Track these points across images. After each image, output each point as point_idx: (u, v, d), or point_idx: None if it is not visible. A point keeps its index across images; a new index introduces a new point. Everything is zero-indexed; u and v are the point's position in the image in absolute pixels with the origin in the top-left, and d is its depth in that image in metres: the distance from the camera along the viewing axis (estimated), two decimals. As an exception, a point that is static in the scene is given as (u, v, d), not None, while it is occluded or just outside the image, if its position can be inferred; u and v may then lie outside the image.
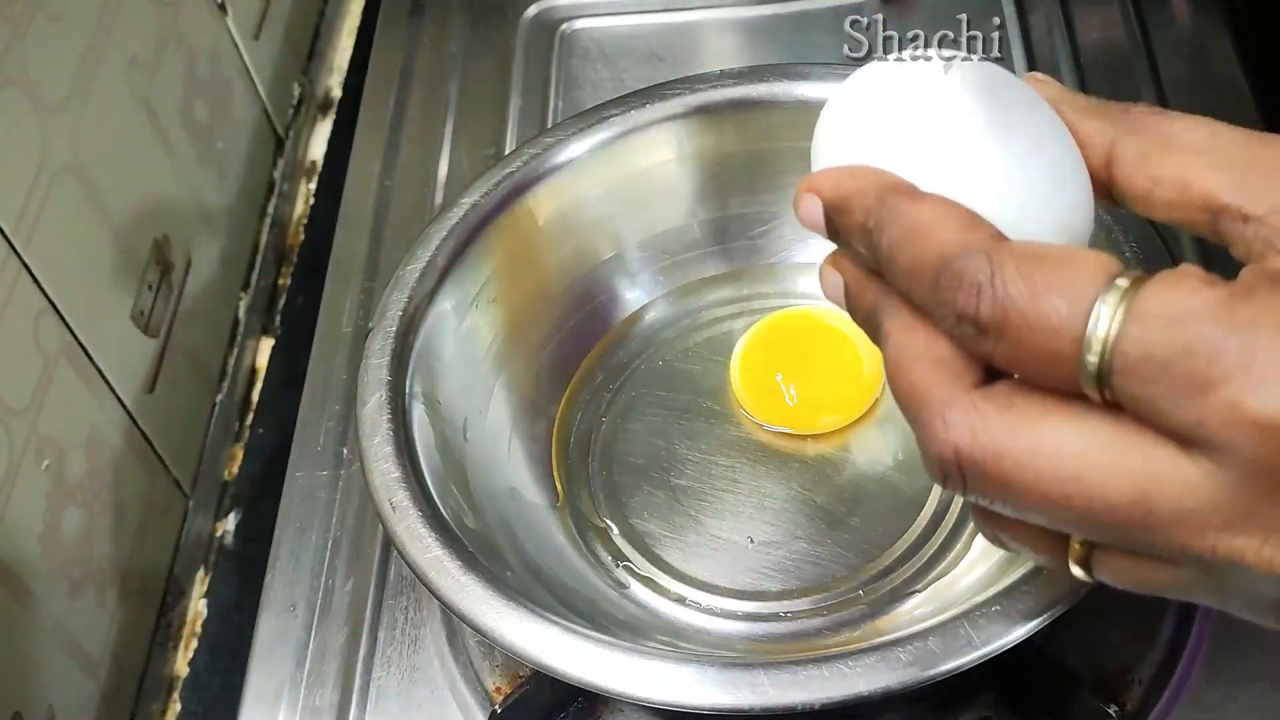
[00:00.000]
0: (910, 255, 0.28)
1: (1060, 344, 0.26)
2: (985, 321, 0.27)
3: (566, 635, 0.41)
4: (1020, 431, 0.27)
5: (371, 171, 0.69)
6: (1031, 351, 0.27)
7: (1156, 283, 0.26)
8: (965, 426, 0.27)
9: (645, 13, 0.75)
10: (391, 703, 0.51)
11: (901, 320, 0.30)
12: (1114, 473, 0.26)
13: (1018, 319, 0.26)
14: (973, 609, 0.40)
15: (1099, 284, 0.26)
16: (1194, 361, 0.25)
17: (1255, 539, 0.26)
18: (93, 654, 0.52)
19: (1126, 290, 0.26)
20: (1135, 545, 0.28)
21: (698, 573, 0.51)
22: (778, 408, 0.55)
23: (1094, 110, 0.31)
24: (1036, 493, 0.27)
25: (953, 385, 0.28)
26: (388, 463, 0.46)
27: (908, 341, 0.29)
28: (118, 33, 0.57)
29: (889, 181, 0.30)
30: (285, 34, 0.76)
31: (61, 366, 0.51)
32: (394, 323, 0.50)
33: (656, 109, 0.56)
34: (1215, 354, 0.25)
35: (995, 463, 0.27)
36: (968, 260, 0.27)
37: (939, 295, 0.28)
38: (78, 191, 0.54)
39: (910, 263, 0.28)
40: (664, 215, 0.58)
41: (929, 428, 0.28)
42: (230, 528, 0.62)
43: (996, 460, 0.27)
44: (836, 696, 0.39)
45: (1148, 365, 0.25)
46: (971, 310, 0.27)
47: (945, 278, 0.27)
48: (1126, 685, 0.47)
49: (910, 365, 0.29)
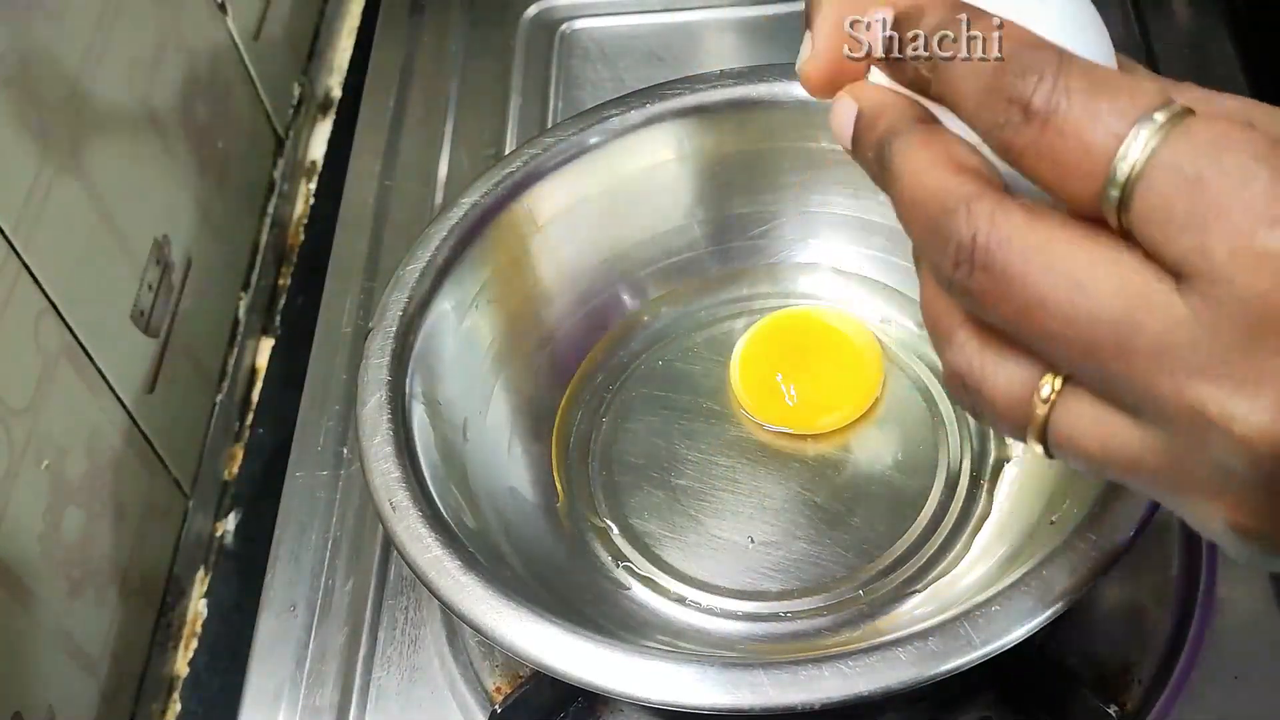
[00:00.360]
0: (980, 51, 0.29)
1: (1100, 145, 0.26)
2: (1035, 108, 0.27)
3: (566, 635, 0.41)
4: (1036, 230, 0.27)
5: (371, 171, 0.69)
6: (1069, 147, 0.27)
7: (1202, 116, 0.26)
8: (987, 215, 0.28)
9: (645, 13, 0.75)
10: (391, 703, 0.51)
11: (922, 136, 0.30)
12: (1109, 290, 0.26)
13: (1066, 111, 0.27)
14: (973, 609, 0.40)
15: (1156, 104, 0.26)
16: (1217, 186, 0.25)
17: (1223, 389, 0.25)
18: (93, 654, 0.52)
19: (1175, 115, 0.26)
20: (1108, 380, 0.27)
21: (698, 573, 0.51)
22: (778, 408, 0.55)
23: (1132, 67, 0.31)
24: (1034, 293, 0.27)
25: (982, 184, 0.28)
26: (388, 463, 0.46)
27: (930, 151, 0.29)
28: (118, 33, 0.57)
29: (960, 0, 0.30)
30: (285, 34, 0.76)
31: (61, 366, 0.51)
32: (394, 323, 0.50)
33: (657, 109, 0.56)
34: (1240, 183, 0.25)
35: (1007, 252, 0.27)
36: (1038, 53, 0.28)
37: (998, 80, 0.28)
38: (78, 191, 0.54)
39: (976, 58, 0.29)
40: (664, 215, 0.58)
41: (952, 217, 0.28)
42: (230, 528, 0.62)
43: (1008, 250, 0.27)
44: (836, 696, 0.39)
45: (1172, 180, 0.26)
46: (1027, 94, 0.27)
47: (1014, 65, 0.28)
48: (1126, 685, 0.48)
49: (935, 166, 0.29)
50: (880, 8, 0.31)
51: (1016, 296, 0.27)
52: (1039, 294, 0.27)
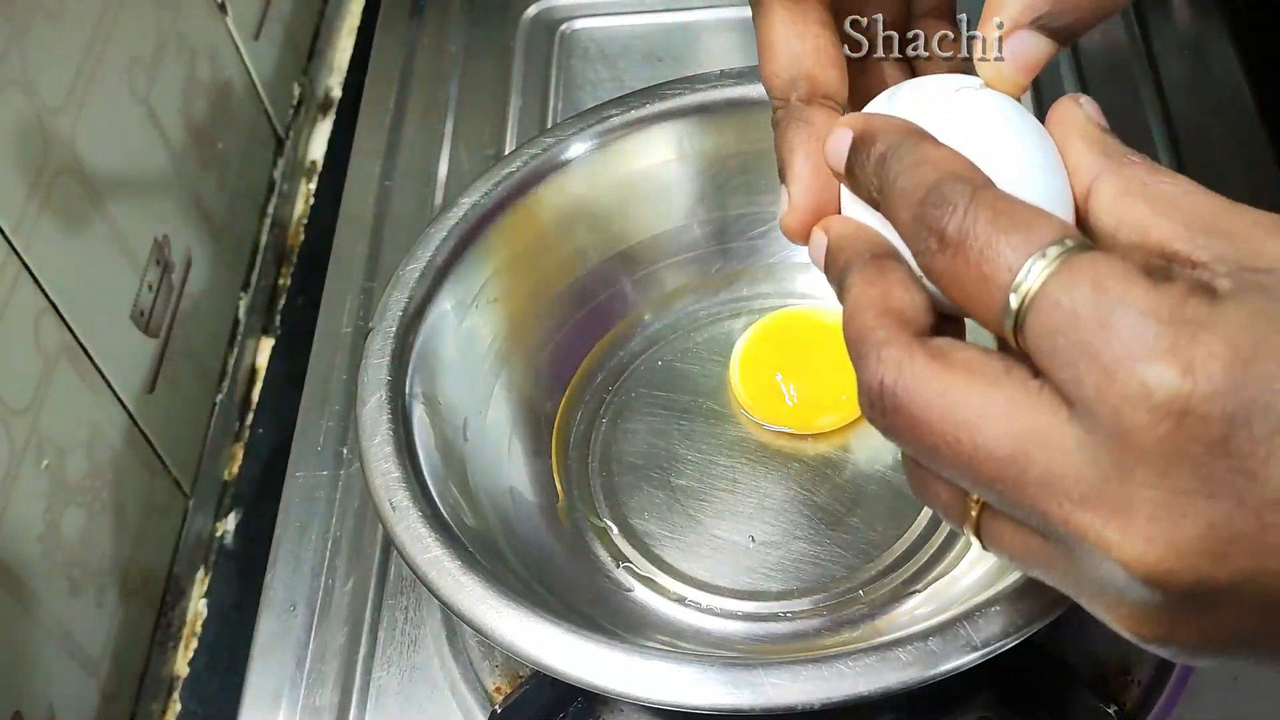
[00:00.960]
0: (912, 178, 0.31)
1: (997, 276, 0.28)
2: (948, 237, 0.29)
3: (566, 635, 0.41)
4: (939, 375, 0.29)
5: (371, 171, 0.69)
6: (972, 276, 0.29)
7: (1091, 253, 0.28)
8: (894, 362, 0.30)
9: (645, 13, 0.75)
10: (391, 703, 0.51)
11: (867, 275, 0.32)
12: (1002, 427, 0.28)
13: (972, 242, 0.29)
14: (973, 609, 0.40)
15: (1050, 240, 0.28)
16: (1089, 323, 0.27)
17: (1099, 517, 0.27)
18: (93, 654, 0.52)
19: (1067, 250, 0.28)
20: (1009, 507, 0.29)
21: (698, 573, 0.51)
22: (777, 408, 0.55)
23: (1098, 143, 0.32)
24: (935, 434, 0.29)
25: (896, 329, 0.30)
26: (388, 463, 0.46)
27: (867, 291, 0.32)
28: (118, 33, 0.57)
29: (914, 127, 0.33)
30: (285, 34, 0.76)
31: (61, 366, 0.51)
32: (394, 323, 0.50)
33: (656, 109, 0.56)
34: (1108, 322, 0.26)
35: (909, 399, 0.29)
36: (956, 184, 0.30)
37: (922, 210, 0.30)
38: (78, 191, 0.54)
39: (909, 184, 0.31)
40: (664, 215, 0.58)
41: (865, 360, 0.30)
42: (230, 528, 0.62)
43: (910, 397, 0.29)
44: (836, 696, 0.39)
45: (1054, 315, 0.27)
46: (941, 224, 0.29)
47: (933, 195, 0.30)
48: (1126, 685, 0.48)
49: (864, 310, 0.31)
50: (845, 126, 0.34)
51: (923, 438, 0.29)
52: (940, 436, 0.29)
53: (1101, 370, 0.26)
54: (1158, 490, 0.26)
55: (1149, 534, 0.26)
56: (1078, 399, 0.27)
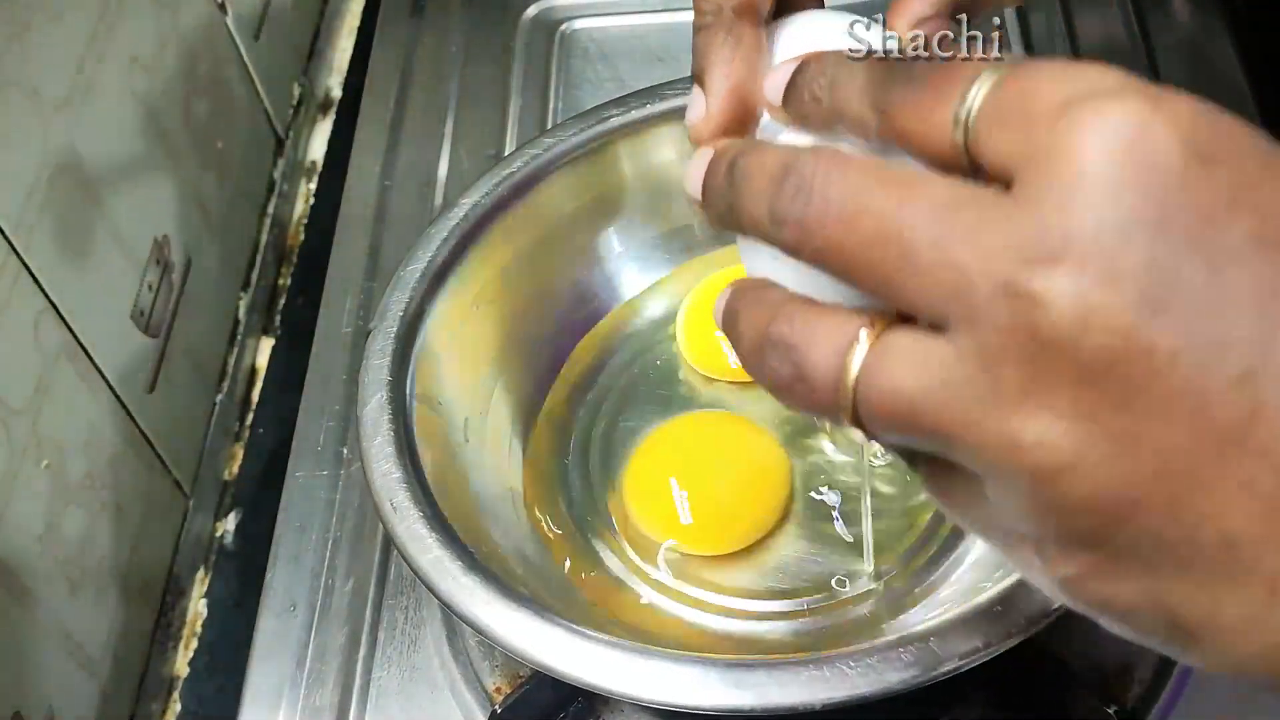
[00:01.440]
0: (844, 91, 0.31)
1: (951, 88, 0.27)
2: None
3: (566, 635, 0.41)
4: (866, 169, 0.28)
5: (371, 171, 0.69)
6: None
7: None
8: (828, 156, 0.29)
9: (645, 13, 0.75)
10: (391, 703, 0.51)
11: (759, 148, 0.32)
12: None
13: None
14: (973, 609, 0.40)
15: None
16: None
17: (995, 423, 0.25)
18: (93, 654, 0.52)
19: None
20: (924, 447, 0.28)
21: (699, 571, 0.51)
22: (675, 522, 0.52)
23: None
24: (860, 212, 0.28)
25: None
26: (388, 463, 0.46)
27: (767, 152, 0.31)
28: (118, 33, 0.57)
29: None
30: (285, 34, 0.76)
31: (61, 366, 0.51)
32: (394, 323, 0.50)
33: (657, 109, 0.56)
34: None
35: (839, 185, 0.28)
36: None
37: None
38: (78, 191, 0.54)
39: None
40: (664, 215, 0.58)
41: (797, 162, 0.30)
42: (230, 527, 0.62)
43: (841, 184, 0.28)
44: (837, 697, 0.39)
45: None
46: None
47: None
48: (1126, 685, 0.48)
49: (777, 151, 0.31)
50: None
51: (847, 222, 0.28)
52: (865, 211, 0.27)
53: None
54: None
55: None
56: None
